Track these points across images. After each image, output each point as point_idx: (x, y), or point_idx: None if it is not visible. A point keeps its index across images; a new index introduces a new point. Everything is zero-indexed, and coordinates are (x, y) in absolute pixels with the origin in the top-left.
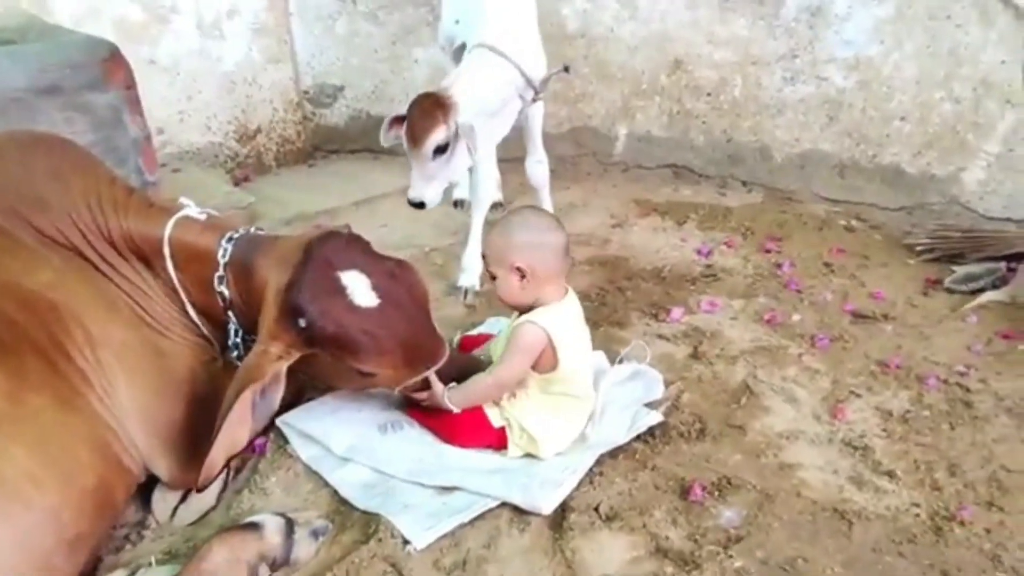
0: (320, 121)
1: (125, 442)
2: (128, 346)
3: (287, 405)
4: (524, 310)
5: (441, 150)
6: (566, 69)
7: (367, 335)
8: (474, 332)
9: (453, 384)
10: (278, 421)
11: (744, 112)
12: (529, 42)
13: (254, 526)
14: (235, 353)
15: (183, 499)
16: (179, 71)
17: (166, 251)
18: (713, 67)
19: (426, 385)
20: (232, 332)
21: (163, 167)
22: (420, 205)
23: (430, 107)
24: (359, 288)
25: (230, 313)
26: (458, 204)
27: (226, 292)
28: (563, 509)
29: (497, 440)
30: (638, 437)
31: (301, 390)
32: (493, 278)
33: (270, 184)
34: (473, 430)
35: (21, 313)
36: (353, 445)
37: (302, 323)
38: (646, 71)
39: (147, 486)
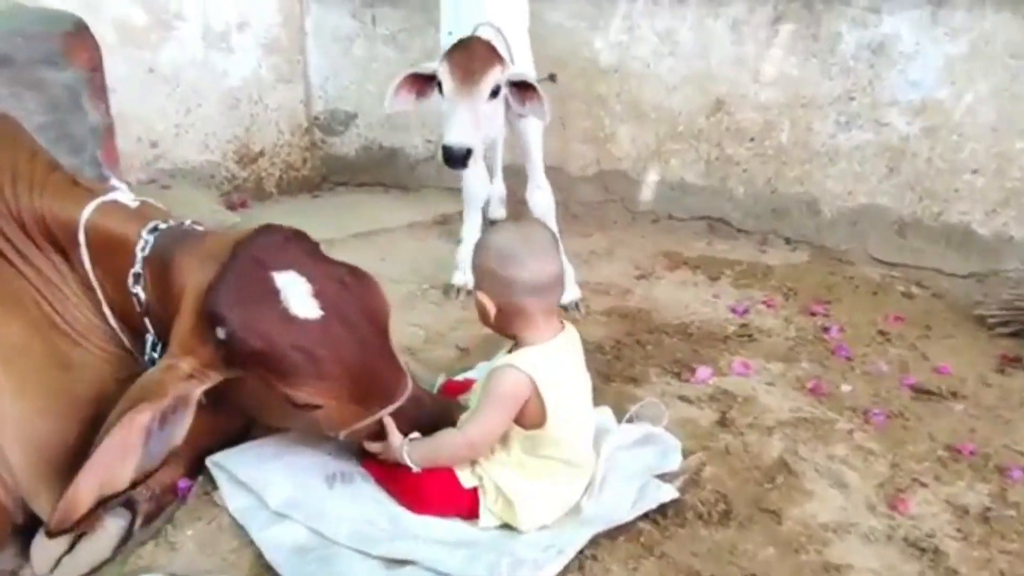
0: (329, 150)
1: (1, 470)
2: (23, 351)
3: (228, 442)
4: (512, 341)
5: (495, 94)
6: (551, 77)
7: (302, 354)
8: (460, 377)
9: (416, 435)
10: (208, 461)
11: (791, 160)
12: (519, 46)
13: None
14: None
15: (70, 548)
16: (179, 82)
17: (81, 238)
18: (758, 109)
19: (381, 432)
20: (148, 345)
21: (152, 183)
22: (463, 159)
23: (485, 46)
24: (296, 294)
25: (146, 321)
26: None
27: (141, 294)
28: None
29: (468, 507)
30: (645, 515)
31: (247, 426)
32: None
33: (267, 212)
34: (439, 494)
35: None
36: (292, 498)
37: (220, 334)
38: (684, 112)
39: (26, 529)
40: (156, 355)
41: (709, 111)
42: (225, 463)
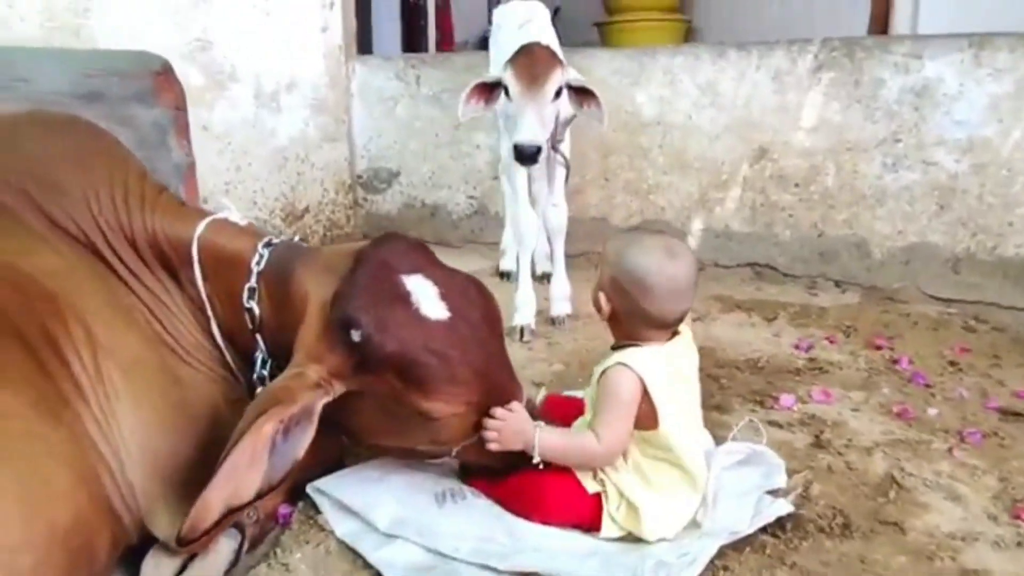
0: (371, 208)
1: (119, 481)
2: (141, 363)
3: (321, 472)
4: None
5: (558, 95)
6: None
7: (436, 357)
8: (565, 393)
9: (541, 424)
10: (309, 488)
11: (838, 203)
12: None
13: None
14: (259, 389)
15: (181, 570)
16: (231, 140)
17: (195, 254)
18: (802, 155)
19: (487, 455)
20: (259, 362)
21: None
22: (533, 156)
23: (547, 51)
24: (426, 296)
25: (258, 337)
26: (504, 276)
27: (256, 309)
28: None
29: (589, 514)
30: (764, 530)
31: (340, 455)
32: None
33: None
34: (561, 499)
35: (8, 295)
36: (402, 518)
37: (355, 336)
38: (727, 161)
39: (137, 552)
40: (265, 373)
41: (752, 159)
42: (327, 489)
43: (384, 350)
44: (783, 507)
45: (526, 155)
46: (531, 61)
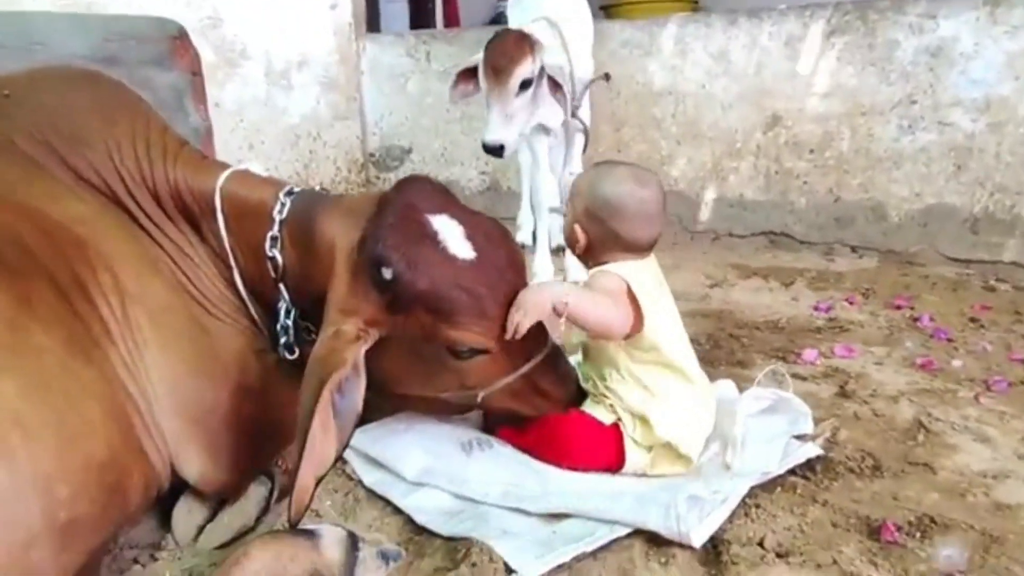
0: (384, 186)
1: (149, 422)
2: (168, 310)
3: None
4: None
5: (526, 85)
6: (606, 77)
7: (466, 293)
8: None
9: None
10: None
11: (853, 168)
12: (578, 45)
13: (309, 533)
14: (283, 340)
15: (214, 514)
16: (243, 118)
17: (217, 204)
18: (817, 121)
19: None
20: (283, 312)
21: None
22: (498, 151)
23: (517, 39)
24: (453, 235)
25: (281, 287)
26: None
27: (279, 257)
28: (714, 543)
29: (615, 450)
30: (793, 472)
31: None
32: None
33: None
34: (584, 438)
35: (39, 240)
36: (429, 467)
37: (386, 274)
38: (740, 129)
39: (168, 501)
40: (289, 323)
41: (766, 126)
42: (353, 442)
43: (416, 287)
44: (812, 450)
45: (491, 152)
46: (497, 53)
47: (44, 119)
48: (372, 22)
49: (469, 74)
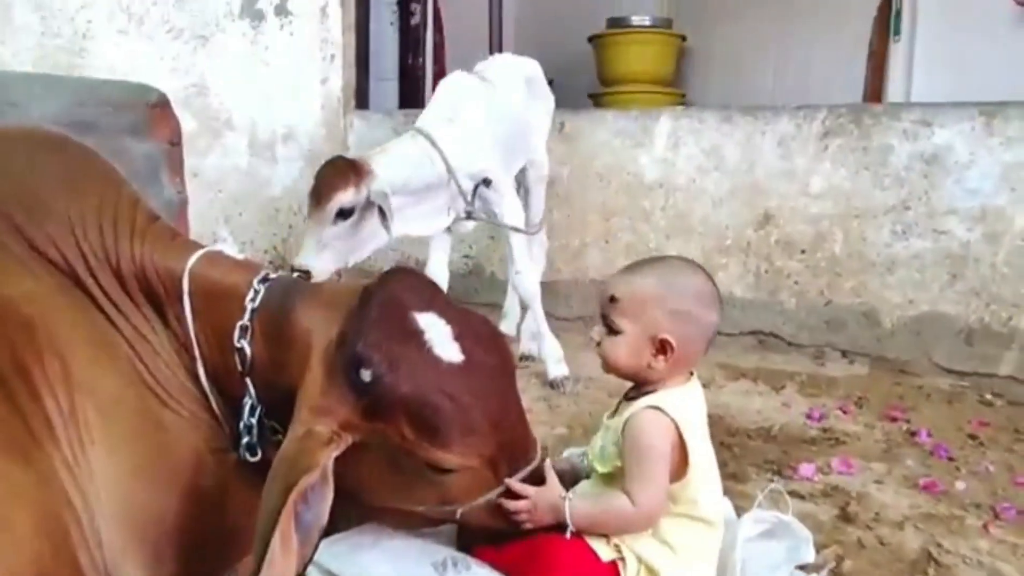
0: (363, 264)
1: (87, 533)
2: (119, 402)
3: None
4: (631, 388)
5: (345, 215)
6: (487, 182)
7: (451, 402)
8: (567, 452)
9: (569, 495)
10: None
11: (845, 271)
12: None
13: None
14: (245, 439)
15: None
16: (222, 188)
17: (185, 287)
18: (809, 221)
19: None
20: (247, 409)
21: None
22: (304, 275)
23: (343, 166)
24: (440, 336)
25: (248, 381)
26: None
27: (247, 349)
28: None
29: None
30: None
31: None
32: (610, 331)
33: None
34: (573, 567)
35: None
36: None
37: (365, 376)
38: (731, 225)
39: None
40: (253, 421)
41: (757, 224)
42: (316, 557)
43: (397, 391)
44: None
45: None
46: (319, 177)
47: (6, 186)
48: (362, 99)
49: None
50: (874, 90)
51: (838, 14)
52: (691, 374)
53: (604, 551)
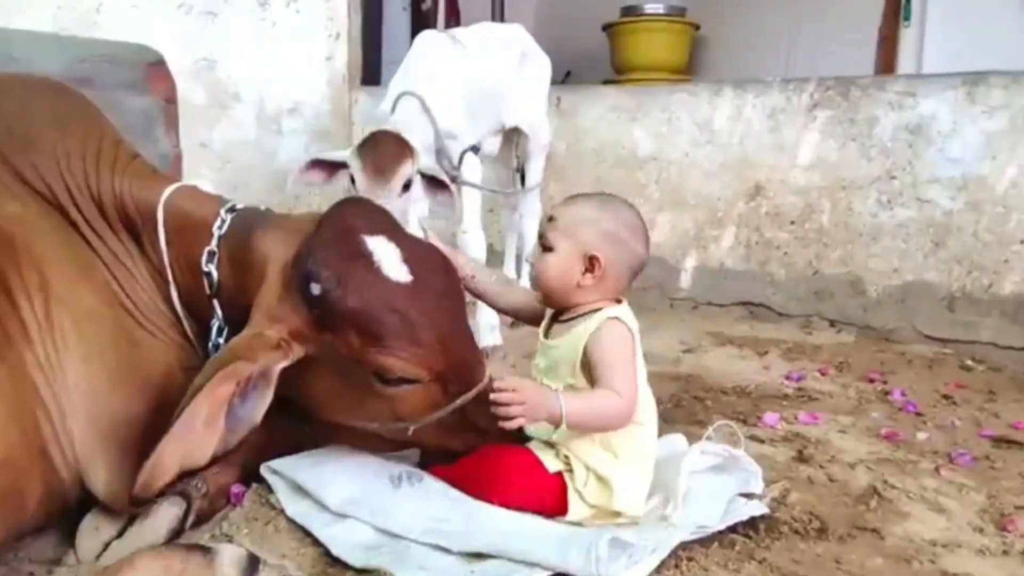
0: None
1: (59, 429)
2: (94, 317)
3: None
4: (555, 305)
5: (406, 187)
6: (475, 149)
7: (398, 316)
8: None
9: (559, 388)
10: (263, 468)
11: (833, 241)
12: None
13: (205, 550)
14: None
15: (119, 534)
16: (230, 159)
17: (160, 217)
18: (798, 192)
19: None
20: (214, 330)
21: None
22: None
23: (402, 141)
24: (388, 257)
25: (215, 303)
26: None
27: (214, 273)
28: None
29: (553, 496)
30: (734, 528)
31: (298, 442)
32: (544, 250)
33: None
34: (522, 478)
35: None
36: (353, 498)
37: (315, 290)
38: (722, 198)
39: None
40: (221, 341)
41: (748, 196)
42: (281, 469)
43: (344, 304)
44: (756, 508)
45: None
46: (378, 154)
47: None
48: (373, 76)
49: (321, 165)
50: (886, 63)
51: (850, 1)
52: (619, 301)
53: (552, 462)
